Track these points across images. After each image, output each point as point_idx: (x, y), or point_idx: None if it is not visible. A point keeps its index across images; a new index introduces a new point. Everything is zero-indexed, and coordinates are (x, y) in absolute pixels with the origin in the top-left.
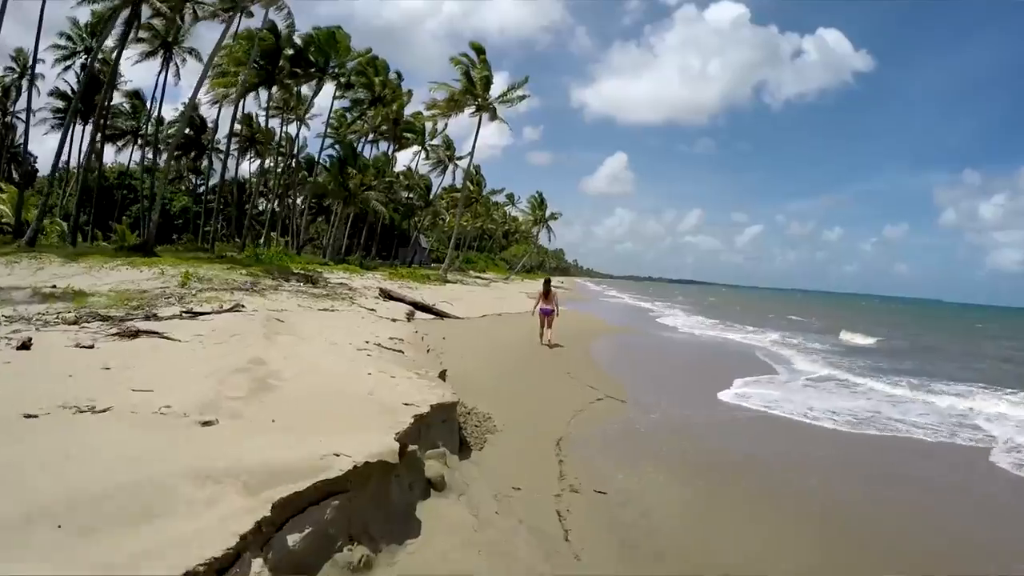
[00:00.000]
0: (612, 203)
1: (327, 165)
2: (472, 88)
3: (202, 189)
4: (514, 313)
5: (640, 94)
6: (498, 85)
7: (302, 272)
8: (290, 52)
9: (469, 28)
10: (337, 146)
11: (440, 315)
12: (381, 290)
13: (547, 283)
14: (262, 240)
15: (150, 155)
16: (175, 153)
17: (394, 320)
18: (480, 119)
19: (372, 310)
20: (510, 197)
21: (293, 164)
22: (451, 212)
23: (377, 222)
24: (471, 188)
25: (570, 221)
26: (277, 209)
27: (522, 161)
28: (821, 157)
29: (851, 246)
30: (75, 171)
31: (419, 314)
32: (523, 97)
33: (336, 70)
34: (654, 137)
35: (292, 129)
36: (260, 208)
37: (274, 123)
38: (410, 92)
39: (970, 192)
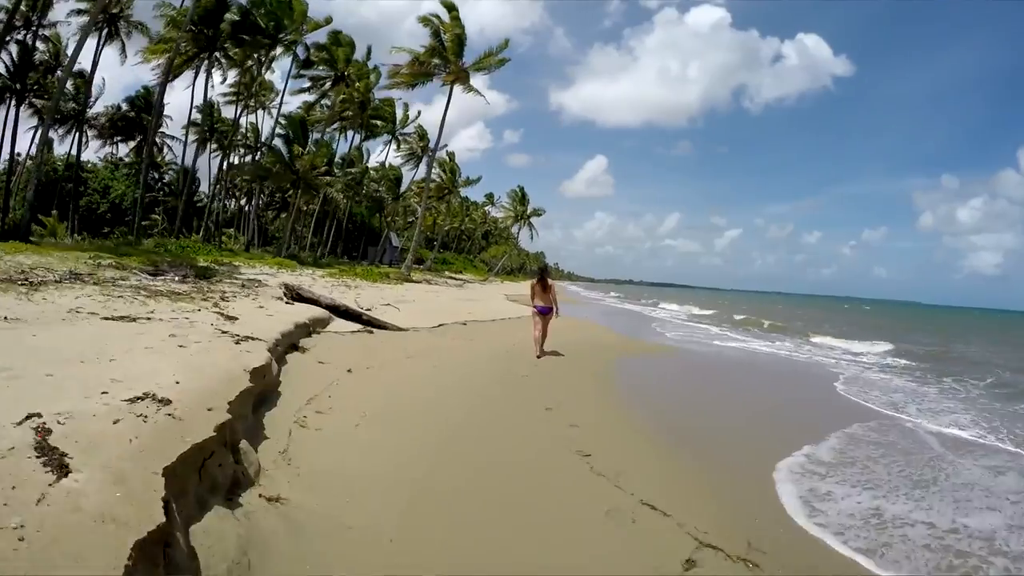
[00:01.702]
0: (592, 206)
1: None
2: (442, 50)
3: (152, 178)
4: (486, 321)
5: (619, 96)
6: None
7: (204, 265)
8: (235, 17)
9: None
10: (284, 122)
11: (372, 326)
12: (286, 288)
13: (543, 272)
14: (200, 234)
15: (97, 142)
16: (114, 138)
17: (242, 342)
18: (451, 90)
19: (232, 319)
20: (489, 197)
21: (259, 156)
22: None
23: (343, 218)
24: (444, 177)
25: (550, 224)
26: (245, 206)
27: (501, 164)
28: (800, 160)
29: (830, 249)
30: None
31: (342, 325)
32: (503, 62)
33: (289, 39)
34: (633, 139)
35: (255, 119)
36: (211, 201)
37: (235, 112)
38: (377, 70)
39: (948, 196)
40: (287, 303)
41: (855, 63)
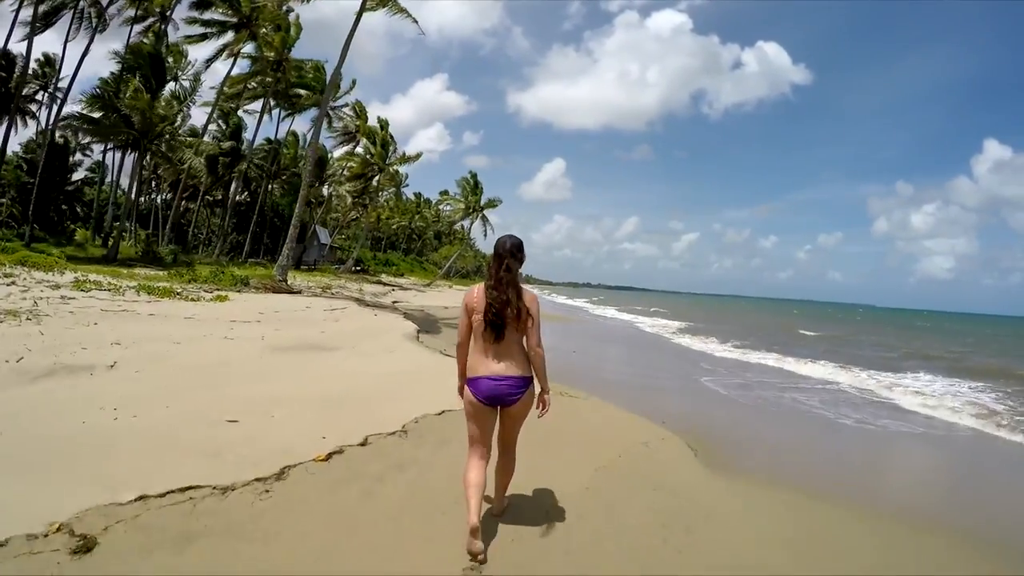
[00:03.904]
0: (550, 209)
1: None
2: None
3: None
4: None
5: (578, 99)
6: (433, 90)
7: None
8: None
9: (408, 26)
10: (131, 55)
11: None
12: None
13: (505, 259)
14: (72, 229)
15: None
16: None
17: None
18: (363, 4)
19: None
20: (444, 194)
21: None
22: (345, 186)
23: (260, 206)
24: (373, 151)
25: (508, 227)
26: (169, 197)
27: (461, 165)
28: (758, 166)
29: (786, 253)
30: None
31: None
32: None
33: None
34: (592, 142)
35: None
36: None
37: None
38: (299, 24)
39: (902, 202)
40: None
41: (814, 72)
